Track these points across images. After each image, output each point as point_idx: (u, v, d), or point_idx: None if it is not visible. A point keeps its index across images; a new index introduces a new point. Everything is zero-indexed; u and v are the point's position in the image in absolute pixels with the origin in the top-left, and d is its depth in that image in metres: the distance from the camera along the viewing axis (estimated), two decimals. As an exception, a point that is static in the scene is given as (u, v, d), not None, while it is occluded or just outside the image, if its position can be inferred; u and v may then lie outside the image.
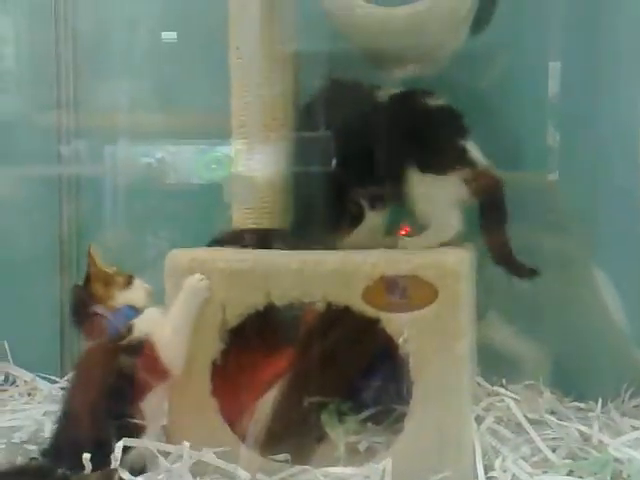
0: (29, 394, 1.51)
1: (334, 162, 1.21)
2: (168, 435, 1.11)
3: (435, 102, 1.20)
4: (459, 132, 1.19)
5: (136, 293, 1.14)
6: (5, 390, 1.53)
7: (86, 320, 1.13)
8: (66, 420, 1.06)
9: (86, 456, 0.97)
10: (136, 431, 1.03)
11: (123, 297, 1.13)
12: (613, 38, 1.42)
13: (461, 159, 1.17)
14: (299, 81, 1.29)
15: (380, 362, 1.22)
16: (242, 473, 1.02)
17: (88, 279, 1.15)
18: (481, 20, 1.27)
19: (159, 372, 1.07)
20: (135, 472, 1.01)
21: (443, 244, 1.16)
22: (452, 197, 1.17)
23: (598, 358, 1.37)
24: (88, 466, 0.98)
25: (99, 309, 1.12)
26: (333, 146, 1.21)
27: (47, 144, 1.61)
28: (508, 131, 1.44)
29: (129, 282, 1.15)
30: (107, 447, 0.98)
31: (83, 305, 1.13)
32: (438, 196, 1.17)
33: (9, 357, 1.59)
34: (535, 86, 1.48)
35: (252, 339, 1.17)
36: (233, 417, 1.13)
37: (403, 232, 1.27)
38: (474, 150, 1.18)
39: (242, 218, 1.23)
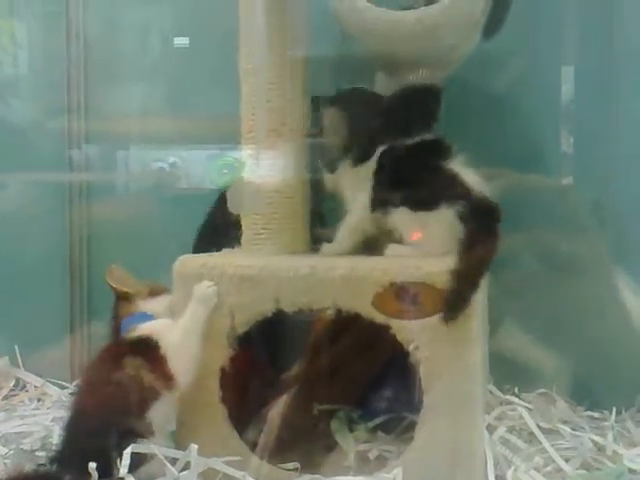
0: (39, 399, 1.51)
1: None
2: (177, 442, 1.10)
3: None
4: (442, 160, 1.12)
5: (158, 304, 1.15)
6: (16, 395, 1.53)
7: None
8: (72, 426, 1.05)
9: (92, 465, 0.96)
10: (144, 438, 1.02)
11: (143, 306, 1.15)
12: (627, 41, 1.41)
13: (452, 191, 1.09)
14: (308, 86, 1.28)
15: (390, 370, 1.21)
16: (251, 481, 1.02)
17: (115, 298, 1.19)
18: (493, 24, 1.26)
19: (166, 378, 1.05)
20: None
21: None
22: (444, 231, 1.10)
23: (612, 367, 1.35)
24: (94, 475, 0.97)
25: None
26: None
27: (58, 149, 1.62)
28: (521, 135, 1.43)
29: (154, 293, 1.17)
30: (114, 455, 0.97)
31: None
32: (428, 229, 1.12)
33: (19, 362, 1.59)
34: (548, 90, 1.47)
35: (261, 345, 1.17)
36: (242, 424, 1.12)
37: (414, 237, 1.26)
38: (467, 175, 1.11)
39: (251, 223, 1.22)
